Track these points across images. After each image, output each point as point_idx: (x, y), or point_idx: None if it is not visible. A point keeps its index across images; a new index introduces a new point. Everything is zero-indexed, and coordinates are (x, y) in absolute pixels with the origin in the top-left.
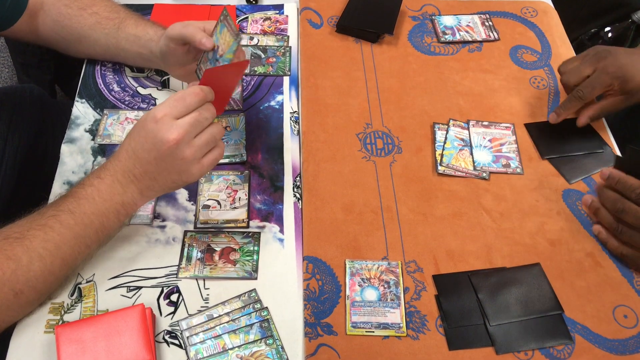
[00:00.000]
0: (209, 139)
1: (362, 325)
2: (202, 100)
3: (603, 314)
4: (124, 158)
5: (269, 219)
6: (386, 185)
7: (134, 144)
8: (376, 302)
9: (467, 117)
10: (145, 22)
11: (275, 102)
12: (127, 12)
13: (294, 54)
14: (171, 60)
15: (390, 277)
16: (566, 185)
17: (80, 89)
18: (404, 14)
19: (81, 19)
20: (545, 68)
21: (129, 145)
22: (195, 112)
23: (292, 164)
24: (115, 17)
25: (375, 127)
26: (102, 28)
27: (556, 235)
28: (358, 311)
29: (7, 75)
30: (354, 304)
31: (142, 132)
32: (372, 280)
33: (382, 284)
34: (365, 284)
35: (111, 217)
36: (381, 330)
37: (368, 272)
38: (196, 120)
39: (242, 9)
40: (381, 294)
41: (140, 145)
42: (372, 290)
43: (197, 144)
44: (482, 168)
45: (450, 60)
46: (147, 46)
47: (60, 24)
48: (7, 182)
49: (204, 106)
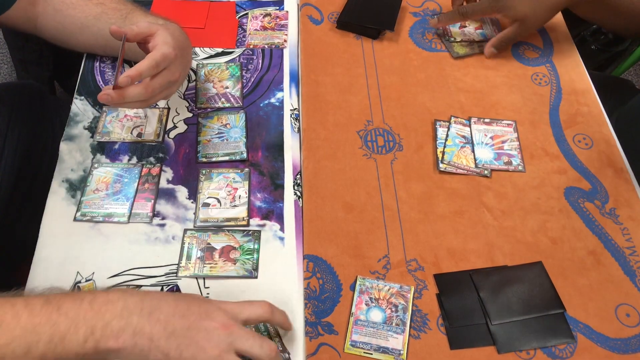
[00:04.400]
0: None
1: (361, 345)
2: (269, 317)
3: (605, 312)
4: (156, 293)
5: (270, 217)
6: (387, 182)
7: (183, 297)
8: (380, 324)
9: (468, 114)
10: (154, 15)
11: (275, 99)
12: (134, 4)
13: (294, 52)
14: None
15: (400, 301)
16: (568, 183)
17: (79, 86)
18: (404, 10)
19: (86, 8)
20: (547, 65)
21: (174, 293)
22: (257, 336)
23: (292, 161)
24: (122, 8)
25: (376, 124)
26: (108, 18)
27: (558, 233)
28: (360, 330)
29: (6, 71)
30: (357, 322)
31: (200, 299)
32: (380, 302)
33: (389, 307)
34: (373, 303)
35: (79, 333)
36: (380, 353)
37: (378, 292)
38: (252, 338)
39: (242, 5)
40: (387, 316)
41: (188, 302)
42: (378, 312)
43: (230, 357)
44: (484, 165)
45: (451, 57)
46: None
47: (63, 12)
48: (7, 179)
49: (266, 340)
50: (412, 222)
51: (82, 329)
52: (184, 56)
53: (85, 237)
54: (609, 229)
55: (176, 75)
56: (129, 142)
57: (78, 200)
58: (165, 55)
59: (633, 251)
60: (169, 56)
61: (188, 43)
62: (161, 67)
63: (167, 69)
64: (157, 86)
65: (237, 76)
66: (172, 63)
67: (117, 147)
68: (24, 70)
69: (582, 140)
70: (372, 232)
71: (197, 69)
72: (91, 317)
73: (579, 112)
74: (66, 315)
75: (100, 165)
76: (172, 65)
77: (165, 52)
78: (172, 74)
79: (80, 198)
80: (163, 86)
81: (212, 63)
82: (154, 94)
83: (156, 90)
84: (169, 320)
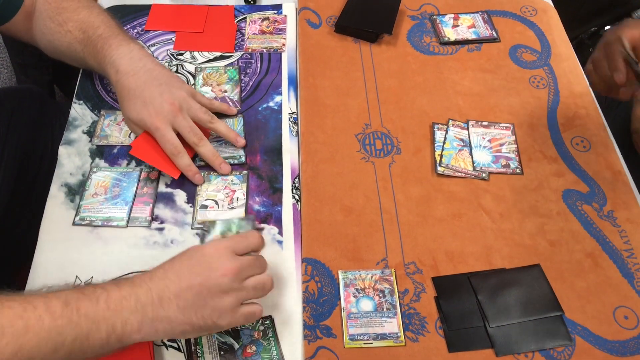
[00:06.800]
0: (257, 286)
1: (360, 337)
2: (262, 246)
3: (603, 315)
4: (158, 276)
5: (268, 220)
6: (385, 186)
7: (179, 265)
8: (372, 312)
9: (466, 117)
10: (122, 35)
11: (273, 103)
12: (95, 31)
13: (292, 56)
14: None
15: (385, 285)
16: (566, 186)
17: (78, 91)
18: (402, 14)
19: (59, 36)
20: (545, 67)
21: (171, 265)
22: (254, 255)
23: (291, 165)
24: (83, 39)
25: (374, 127)
26: (74, 50)
27: (556, 236)
28: (355, 323)
29: (6, 76)
30: (350, 316)
31: (195, 255)
32: (367, 290)
33: (377, 294)
34: (360, 294)
35: (102, 331)
36: (379, 341)
37: (362, 282)
38: (255, 261)
39: (240, 9)
40: (377, 303)
41: (187, 267)
42: (367, 301)
43: (245, 285)
44: (482, 168)
45: (449, 60)
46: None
47: (46, 37)
48: (6, 183)
49: (260, 256)
50: (411, 225)
51: (104, 327)
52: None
53: (84, 241)
54: (607, 232)
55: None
56: (128, 145)
57: (77, 204)
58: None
59: (631, 253)
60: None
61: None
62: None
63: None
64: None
65: (236, 80)
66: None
67: (115, 152)
68: (24, 75)
69: (580, 142)
70: (371, 235)
71: (196, 72)
72: (110, 316)
73: (577, 114)
74: (86, 317)
75: (99, 170)
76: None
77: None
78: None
79: (79, 202)
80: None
81: (210, 67)
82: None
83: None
84: (179, 296)
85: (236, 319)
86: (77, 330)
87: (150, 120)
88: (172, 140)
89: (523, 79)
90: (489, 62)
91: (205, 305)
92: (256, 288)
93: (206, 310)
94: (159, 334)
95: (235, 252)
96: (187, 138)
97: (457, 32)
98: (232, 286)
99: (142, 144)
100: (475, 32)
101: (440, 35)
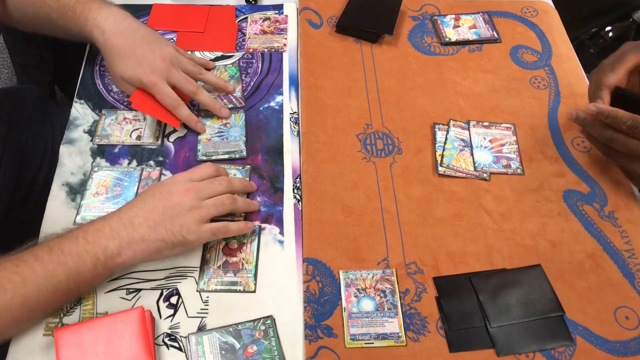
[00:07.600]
0: (217, 203)
1: (361, 337)
2: (216, 172)
3: (604, 315)
4: (126, 207)
5: (269, 220)
6: (386, 186)
7: (143, 196)
8: (373, 312)
9: (467, 117)
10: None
11: (275, 103)
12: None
13: (293, 56)
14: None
15: (386, 285)
16: (567, 186)
17: (79, 90)
18: (403, 14)
19: (34, 8)
20: (546, 68)
21: (135, 199)
22: (209, 179)
23: (292, 165)
24: (57, 7)
25: (375, 127)
26: (52, 19)
27: (557, 236)
28: (356, 323)
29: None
30: (351, 316)
31: (156, 187)
32: (368, 290)
33: (378, 294)
34: (361, 294)
35: (87, 263)
36: (380, 341)
37: (363, 282)
38: (209, 183)
39: (241, 9)
40: (378, 303)
41: (150, 196)
42: (368, 301)
43: (204, 203)
44: (483, 169)
45: (450, 60)
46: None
47: (21, 9)
48: (7, 183)
49: (218, 178)
50: (412, 225)
51: (88, 259)
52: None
53: None
54: (607, 232)
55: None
56: (129, 145)
57: (78, 203)
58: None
59: (632, 254)
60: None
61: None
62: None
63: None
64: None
65: (237, 77)
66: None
67: (117, 151)
68: (24, 75)
69: (581, 143)
70: (372, 235)
71: None
72: (90, 248)
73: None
74: (71, 255)
75: (100, 169)
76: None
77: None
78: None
79: (80, 202)
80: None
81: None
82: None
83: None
84: (147, 217)
85: (203, 233)
86: (67, 269)
87: (146, 77)
88: (170, 93)
89: (524, 80)
90: (490, 63)
91: (173, 222)
92: (216, 204)
93: (174, 227)
94: (138, 255)
95: (192, 180)
96: (184, 89)
97: (458, 33)
98: (192, 204)
99: (140, 98)
100: (476, 33)
101: (441, 36)
